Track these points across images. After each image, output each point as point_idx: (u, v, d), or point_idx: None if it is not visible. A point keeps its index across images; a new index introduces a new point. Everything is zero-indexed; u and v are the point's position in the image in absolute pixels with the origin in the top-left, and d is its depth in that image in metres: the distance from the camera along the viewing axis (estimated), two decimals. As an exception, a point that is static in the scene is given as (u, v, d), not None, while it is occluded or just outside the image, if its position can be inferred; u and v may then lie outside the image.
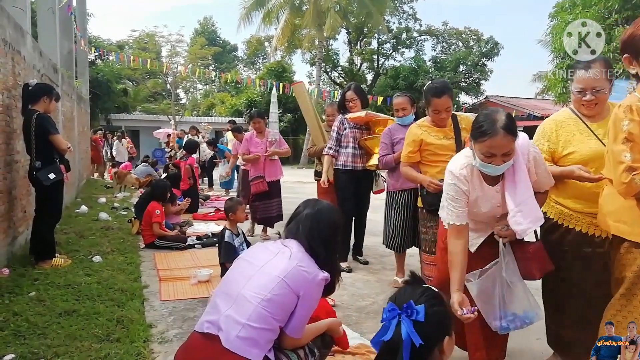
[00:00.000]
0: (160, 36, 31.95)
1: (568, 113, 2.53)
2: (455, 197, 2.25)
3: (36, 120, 4.28)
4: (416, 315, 1.35)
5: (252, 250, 2.14)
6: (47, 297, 3.54)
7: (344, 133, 4.81)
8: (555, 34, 15.60)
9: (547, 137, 2.52)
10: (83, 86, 12.97)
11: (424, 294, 1.43)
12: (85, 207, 7.67)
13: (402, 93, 4.45)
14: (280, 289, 1.87)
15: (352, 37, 31.01)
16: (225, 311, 1.88)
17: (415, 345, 1.32)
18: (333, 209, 2.23)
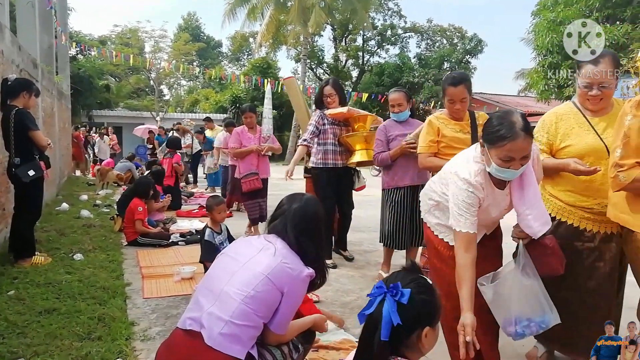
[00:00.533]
0: (143, 31, 31.63)
1: (570, 107, 2.54)
2: (470, 204, 2.14)
3: (15, 116, 4.19)
4: (400, 297, 1.40)
5: (235, 246, 2.12)
6: (26, 296, 3.48)
7: (323, 129, 4.69)
8: (537, 32, 15.78)
9: (546, 129, 2.53)
10: (64, 82, 12.75)
11: (415, 281, 1.47)
12: (66, 204, 7.55)
13: (398, 88, 4.36)
14: (263, 285, 1.86)
15: (337, 34, 31.01)
16: (208, 308, 1.86)
17: (394, 325, 1.37)
18: (318, 203, 2.23)
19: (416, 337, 1.42)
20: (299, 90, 5.95)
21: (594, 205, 2.40)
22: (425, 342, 1.43)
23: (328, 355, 2.71)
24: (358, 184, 4.95)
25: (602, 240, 2.40)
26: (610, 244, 2.41)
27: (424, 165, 3.33)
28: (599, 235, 2.40)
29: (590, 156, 2.36)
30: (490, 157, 2.06)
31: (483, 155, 2.13)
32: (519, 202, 2.17)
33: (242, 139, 5.96)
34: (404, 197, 4.05)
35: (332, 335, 2.92)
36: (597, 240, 2.40)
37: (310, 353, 2.55)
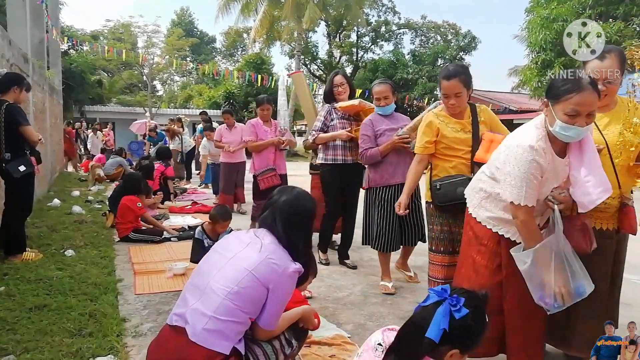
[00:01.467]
0: (135, 26, 31.43)
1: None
2: (533, 175, 2.05)
3: (6, 111, 4.15)
4: (456, 311, 1.44)
5: (224, 241, 2.12)
6: (17, 292, 3.45)
7: (331, 124, 4.45)
8: (531, 29, 15.82)
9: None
10: (55, 77, 12.63)
11: (476, 308, 1.50)
12: (57, 200, 7.50)
13: (383, 80, 4.12)
14: (248, 281, 1.85)
15: (331, 30, 30.96)
16: (192, 304, 1.87)
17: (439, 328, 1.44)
18: (309, 196, 2.21)
19: (443, 351, 1.46)
20: (306, 86, 5.71)
21: None
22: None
23: (320, 350, 2.71)
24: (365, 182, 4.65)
25: (599, 237, 2.36)
26: (607, 240, 2.39)
27: (410, 169, 3.29)
28: (596, 232, 2.36)
29: None
30: (554, 114, 2.02)
31: (546, 116, 2.07)
32: (578, 167, 2.09)
33: (259, 131, 5.51)
34: (393, 196, 3.79)
35: (324, 331, 2.93)
36: (597, 237, 2.34)
37: (303, 349, 2.55)
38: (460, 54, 27.63)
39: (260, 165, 5.38)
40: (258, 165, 5.41)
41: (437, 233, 3.11)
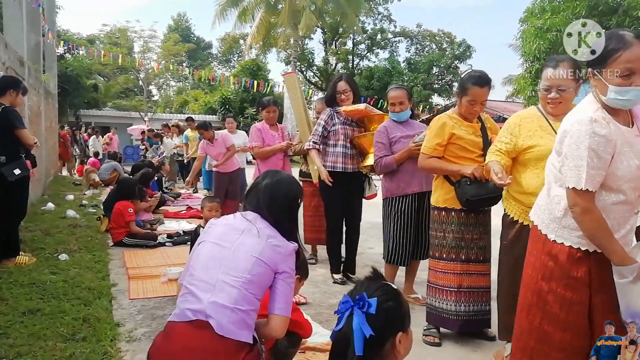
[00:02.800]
0: (132, 31, 31.39)
1: (534, 111, 2.57)
2: (595, 150, 1.77)
3: (2, 114, 4.14)
4: (368, 308, 1.37)
5: (216, 231, 2.05)
6: (10, 296, 3.43)
7: (333, 129, 4.21)
8: (525, 39, 15.97)
9: (509, 131, 2.54)
10: (51, 80, 12.61)
11: (380, 289, 1.45)
12: (52, 204, 7.46)
13: (399, 85, 3.98)
14: (258, 268, 1.89)
15: (327, 37, 31.09)
16: (208, 298, 1.85)
17: (366, 337, 1.36)
18: (293, 180, 2.24)
19: (390, 345, 1.40)
20: (299, 88, 5.35)
21: None
22: (400, 348, 1.41)
23: (315, 357, 2.71)
24: (369, 192, 4.40)
25: None
26: None
27: (423, 165, 3.13)
28: None
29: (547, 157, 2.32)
30: (605, 81, 1.79)
31: (595, 87, 1.87)
32: None
33: (265, 136, 5.17)
34: (410, 206, 3.65)
35: (319, 337, 2.93)
36: None
37: (297, 355, 2.54)
38: (455, 62, 27.84)
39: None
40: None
41: (449, 240, 3.00)
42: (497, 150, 2.56)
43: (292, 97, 5.27)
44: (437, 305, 3.06)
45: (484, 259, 3.05)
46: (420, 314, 3.24)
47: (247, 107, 24.01)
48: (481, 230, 3.04)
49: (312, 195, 4.80)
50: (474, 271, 3.00)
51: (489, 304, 3.07)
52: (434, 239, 3.11)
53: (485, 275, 3.06)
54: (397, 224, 3.68)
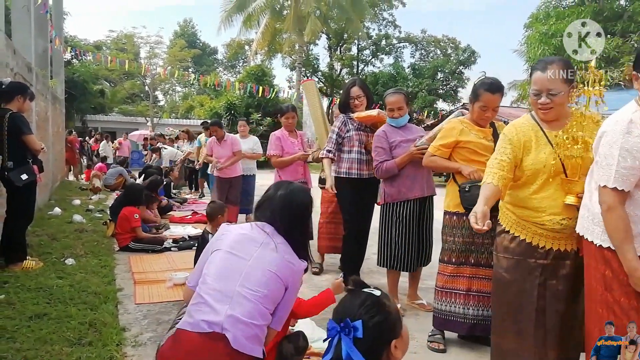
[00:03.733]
0: (138, 37, 31.66)
1: (527, 118, 2.41)
2: (629, 150, 1.78)
3: (9, 120, 4.19)
4: (355, 332, 1.34)
5: (232, 240, 2.04)
6: (17, 300, 3.45)
7: (347, 136, 4.17)
8: (529, 44, 15.99)
9: (508, 141, 2.35)
10: (58, 86, 12.71)
11: (363, 305, 1.40)
12: (58, 209, 7.51)
13: (397, 89, 3.89)
14: (274, 283, 1.91)
15: (332, 43, 31.21)
16: (225, 311, 1.85)
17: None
18: (305, 190, 2.24)
19: (386, 354, 1.38)
20: (317, 95, 5.24)
21: (546, 222, 2.24)
22: (396, 352, 1.40)
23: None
24: (380, 197, 4.28)
25: (556, 258, 2.26)
26: (565, 261, 2.26)
27: (426, 162, 3.22)
28: (552, 252, 2.26)
29: (545, 172, 2.24)
30: None
31: (637, 89, 1.87)
32: None
33: (284, 144, 5.09)
34: (412, 211, 3.62)
35: (324, 342, 2.92)
36: (551, 257, 2.26)
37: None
38: (460, 67, 27.82)
39: (291, 179, 4.95)
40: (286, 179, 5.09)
41: (459, 245, 3.00)
42: (499, 161, 2.31)
43: (310, 104, 5.23)
44: (445, 308, 3.05)
45: None
46: (425, 319, 3.23)
47: (253, 113, 24.04)
48: (492, 235, 2.96)
49: (330, 201, 4.72)
50: (483, 275, 2.98)
51: None
52: (445, 243, 3.10)
53: None
54: (399, 230, 3.64)
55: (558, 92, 2.20)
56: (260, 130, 23.66)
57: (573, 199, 2.19)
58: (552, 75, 2.19)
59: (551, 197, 2.24)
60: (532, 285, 2.29)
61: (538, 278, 2.28)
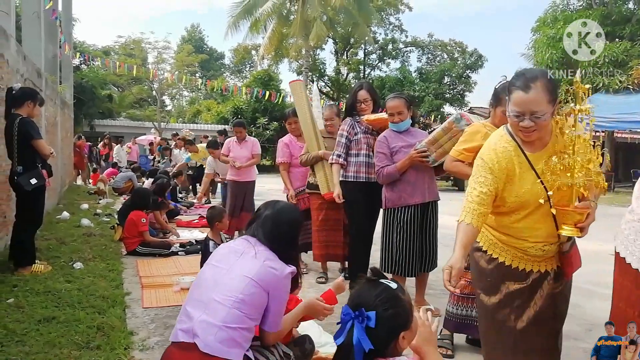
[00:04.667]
0: (146, 42, 31.89)
1: (506, 140, 2.09)
2: None
3: (19, 125, 4.23)
4: (367, 321, 1.39)
5: (217, 254, 2.15)
6: (26, 304, 3.48)
7: (355, 139, 4.15)
8: (537, 48, 15.95)
9: (489, 170, 2.05)
10: (67, 91, 12.84)
11: (379, 297, 1.45)
12: (67, 213, 7.56)
13: (398, 94, 3.83)
14: (250, 288, 1.91)
15: (338, 47, 31.28)
16: (198, 317, 1.89)
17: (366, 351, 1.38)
18: (293, 208, 2.34)
19: (393, 344, 1.43)
20: (305, 96, 5.07)
21: (528, 248, 2.09)
22: (403, 343, 1.45)
23: (327, 367, 2.70)
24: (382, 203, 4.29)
25: (536, 280, 2.13)
26: (544, 282, 2.14)
27: (449, 167, 3.06)
28: (533, 274, 2.13)
29: (530, 205, 2.03)
30: None
31: None
32: None
33: (293, 150, 5.02)
34: (413, 217, 3.61)
35: (331, 347, 2.92)
36: (530, 280, 2.12)
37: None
38: (467, 71, 27.80)
39: (299, 184, 4.96)
40: (296, 185, 4.99)
41: None
42: (479, 194, 2.03)
43: (298, 105, 4.97)
44: (462, 312, 2.99)
45: None
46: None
47: (259, 117, 24.13)
48: None
49: (320, 208, 4.57)
50: None
51: None
52: None
53: None
54: (400, 235, 3.64)
55: (543, 114, 1.90)
56: (267, 135, 23.76)
57: (571, 230, 1.96)
58: (536, 96, 1.89)
59: (534, 226, 2.07)
60: (510, 309, 2.15)
61: (516, 300, 2.14)
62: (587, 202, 1.97)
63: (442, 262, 3.20)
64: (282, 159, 5.08)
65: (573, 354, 2.92)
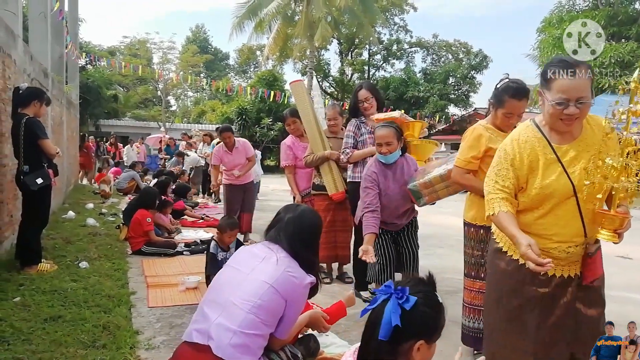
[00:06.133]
0: (152, 43, 32.01)
1: (532, 131, 2.04)
2: None
3: (25, 124, 4.25)
4: (404, 302, 1.37)
5: (238, 257, 2.15)
6: (32, 303, 3.49)
7: (361, 139, 4.13)
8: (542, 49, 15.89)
9: (510, 162, 2.02)
10: (73, 91, 12.89)
11: (424, 293, 1.43)
12: (72, 212, 7.59)
13: (387, 124, 3.55)
14: (269, 295, 1.90)
15: (343, 48, 31.29)
16: (215, 319, 1.88)
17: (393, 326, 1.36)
18: (314, 212, 2.30)
19: (409, 347, 1.39)
20: (307, 96, 4.96)
21: (552, 249, 1.99)
22: (416, 355, 1.39)
23: (332, 367, 2.70)
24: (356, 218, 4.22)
25: (558, 285, 2.02)
26: (567, 288, 2.03)
27: (460, 181, 2.90)
28: (555, 279, 2.02)
29: (554, 197, 1.96)
30: None
31: None
32: None
33: (296, 151, 4.92)
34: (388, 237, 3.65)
35: (336, 348, 2.92)
36: (552, 285, 2.02)
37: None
38: (472, 72, 27.74)
39: (305, 186, 4.87)
40: (302, 186, 4.91)
41: (476, 258, 2.81)
42: (501, 187, 2.01)
43: (300, 106, 4.85)
44: (475, 326, 2.84)
45: None
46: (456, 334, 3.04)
47: (264, 118, 24.19)
48: None
49: (327, 209, 4.52)
50: None
51: None
52: (470, 257, 2.88)
53: None
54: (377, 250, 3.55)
55: (587, 99, 1.87)
56: (272, 135, 23.80)
57: (609, 235, 1.88)
58: (582, 81, 1.86)
59: (559, 224, 1.98)
60: (532, 317, 2.05)
61: (537, 308, 2.04)
62: (624, 207, 1.90)
63: (449, 262, 3.22)
64: (287, 162, 4.98)
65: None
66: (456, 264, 5.55)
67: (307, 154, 4.69)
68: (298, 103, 4.89)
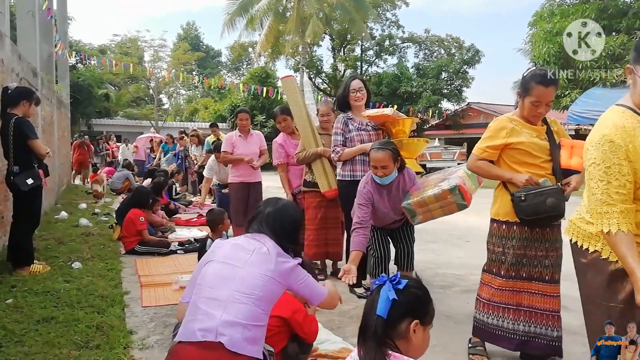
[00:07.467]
0: (142, 41, 31.85)
1: (631, 115, 1.79)
2: None
3: (14, 124, 4.21)
4: (397, 284, 1.52)
5: (223, 251, 2.08)
6: (24, 304, 3.47)
7: (348, 136, 4.09)
8: (534, 43, 15.93)
9: (623, 153, 1.74)
10: (63, 90, 12.79)
11: (414, 280, 1.59)
12: (65, 213, 7.55)
13: (383, 146, 3.47)
14: (269, 285, 1.95)
15: (335, 44, 31.20)
16: (220, 316, 1.86)
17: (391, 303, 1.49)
18: (294, 206, 2.38)
19: (405, 327, 1.49)
20: (298, 91, 4.86)
21: None
22: (414, 337, 1.48)
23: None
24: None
25: None
26: None
27: (471, 167, 2.88)
28: None
29: None
30: None
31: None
32: None
33: (288, 149, 4.88)
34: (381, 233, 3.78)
35: (330, 344, 2.93)
36: None
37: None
38: (464, 67, 27.76)
39: (299, 183, 4.79)
40: (295, 184, 4.87)
41: (509, 257, 2.71)
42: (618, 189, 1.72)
43: (291, 101, 4.75)
44: (491, 321, 2.79)
45: (551, 279, 2.70)
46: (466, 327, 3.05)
47: (257, 114, 24.09)
48: (548, 247, 2.69)
49: (318, 206, 4.49)
50: (536, 290, 2.71)
51: (559, 330, 2.71)
52: (492, 254, 2.82)
53: (552, 297, 2.70)
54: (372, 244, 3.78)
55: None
56: (265, 132, 23.69)
57: None
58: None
59: None
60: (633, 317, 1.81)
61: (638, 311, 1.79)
62: None
63: (443, 257, 3.24)
64: (279, 160, 4.92)
65: (574, 349, 2.92)
66: (450, 259, 5.59)
67: (299, 151, 4.64)
68: (289, 98, 4.80)
